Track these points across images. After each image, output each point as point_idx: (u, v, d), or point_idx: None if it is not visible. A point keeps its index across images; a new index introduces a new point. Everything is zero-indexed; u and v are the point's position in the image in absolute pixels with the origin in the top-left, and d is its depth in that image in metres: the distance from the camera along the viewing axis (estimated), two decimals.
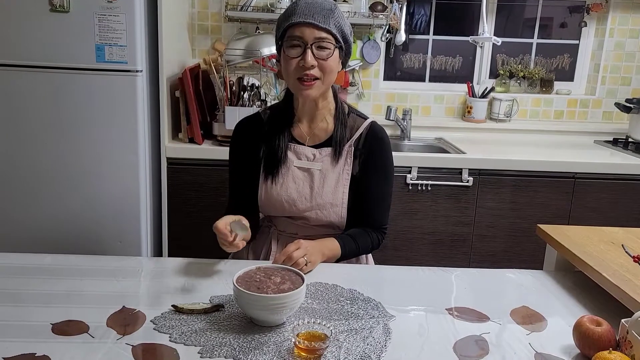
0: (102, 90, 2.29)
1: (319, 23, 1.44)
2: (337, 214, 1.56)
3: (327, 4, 1.48)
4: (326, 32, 1.45)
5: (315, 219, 1.56)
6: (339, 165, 1.56)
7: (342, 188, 1.56)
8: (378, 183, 1.60)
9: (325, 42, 1.46)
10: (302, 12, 1.44)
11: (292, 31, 1.46)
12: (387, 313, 1.24)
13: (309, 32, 1.44)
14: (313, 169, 1.56)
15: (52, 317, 1.17)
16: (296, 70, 1.47)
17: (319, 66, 1.46)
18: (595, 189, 2.60)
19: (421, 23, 3.27)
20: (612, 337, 1.07)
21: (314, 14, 1.44)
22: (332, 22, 1.46)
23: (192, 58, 3.01)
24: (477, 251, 2.65)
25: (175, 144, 2.54)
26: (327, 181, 1.55)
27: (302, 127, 1.60)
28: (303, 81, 1.47)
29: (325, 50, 1.46)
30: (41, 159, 2.34)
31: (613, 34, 3.16)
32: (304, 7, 1.45)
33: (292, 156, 1.58)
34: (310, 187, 1.55)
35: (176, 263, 1.48)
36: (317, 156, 1.57)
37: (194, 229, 2.55)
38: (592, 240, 1.52)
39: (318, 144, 1.59)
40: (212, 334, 1.12)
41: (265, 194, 1.58)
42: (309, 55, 1.45)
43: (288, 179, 1.56)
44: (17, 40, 2.24)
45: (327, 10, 1.46)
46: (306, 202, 1.55)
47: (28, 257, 1.48)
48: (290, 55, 1.47)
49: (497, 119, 3.16)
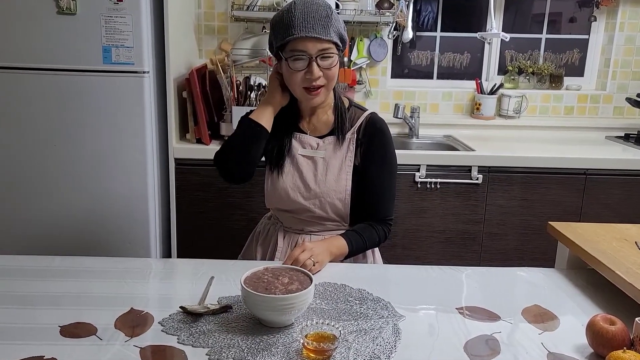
0: (109, 91, 2.29)
1: (321, 36, 1.43)
2: (341, 200, 1.56)
3: (323, 9, 1.45)
4: (328, 42, 1.46)
5: (320, 207, 1.57)
6: (341, 153, 1.58)
7: (345, 175, 1.57)
8: (380, 174, 1.60)
9: (328, 52, 1.46)
10: (301, 25, 1.42)
11: (295, 45, 1.45)
12: (396, 313, 1.23)
13: (312, 46, 1.44)
14: (317, 157, 1.58)
15: (61, 319, 1.16)
16: (302, 82, 1.48)
17: (324, 75, 1.48)
18: (607, 185, 2.58)
19: (428, 20, 3.25)
20: (626, 336, 1.05)
21: (314, 26, 1.43)
22: (331, 31, 1.45)
23: (199, 58, 3.01)
24: (487, 249, 2.63)
25: (183, 144, 2.55)
26: (330, 169, 1.57)
27: (304, 120, 1.63)
28: (310, 90, 1.49)
29: (329, 59, 1.47)
30: (49, 161, 2.35)
31: (623, 28, 3.12)
32: (302, 17, 1.43)
33: (296, 145, 1.61)
34: (314, 175, 1.57)
35: (184, 264, 1.48)
36: (321, 145, 1.59)
37: (202, 229, 2.56)
38: (605, 237, 1.50)
39: (320, 135, 1.61)
40: (220, 335, 1.12)
41: (272, 184, 1.60)
42: (314, 67, 1.45)
43: (293, 167, 1.59)
44: (25, 43, 2.25)
45: (325, 18, 1.44)
46: (310, 190, 1.56)
47: (37, 259, 1.48)
48: (295, 68, 1.47)
49: (506, 115, 3.14)
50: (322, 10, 1.45)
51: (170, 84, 2.42)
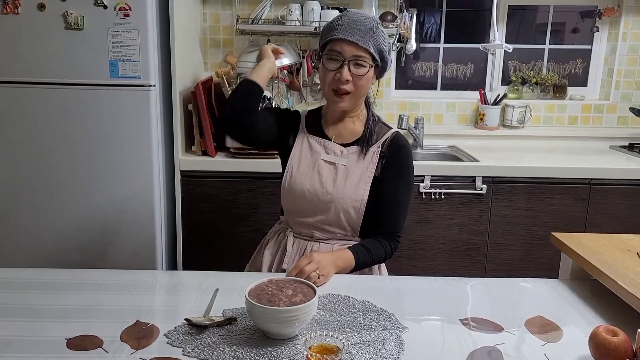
0: (116, 105, 2.32)
1: (358, 42, 1.50)
2: (356, 208, 1.58)
3: (369, 22, 1.53)
4: (364, 51, 1.52)
5: (333, 212, 1.58)
6: (364, 163, 1.60)
7: (364, 185, 1.59)
8: (396, 188, 1.62)
9: (362, 60, 1.52)
10: (344, 29, 1.51)
11: (333, 45, 1.53)
12: (400, 324, 1.23)
13: (348, 49, 1.51)
14: (339, 163, 1.61)
15: (67, 332, 1.18)
16: (332, 82, 1.55)
17: (353, 82, 1.53)
18: (612, 195, 2.57)
19: (432, 31, 3.27)
20: (628, 347, 1.05)
21: (355, 32, 1.50)
22: (371, 42, 1.52)
23: (205, 71, 3.04)
24: (492, 260, 2.63)
25: (189, 156, 2.57)
26: (350, 176, 1.59)
27: (331, 127, 1.67)
28: (337, 93, 1.55)
29: (362, 68, 1.53)
30: (56, 173, 2.38)
31: (626, 38, 3.13)
32: (347, 23, 1.52)
33: (320, 149, 1.64)
34: (334, 180, 1.59)
35: (189, 276, 1.49)
36: (344, 152, 1.63)
37: (208, 241, 2.57)
38: (608, 248, 1.50)
39: (345, 143, 1.64)
40: (225, 347, 1.13)
41: (289, 181, 1.62)
42: (345, 70, 1.52)
43: (314, 170, 1.61)
44: (34, 58, 2.29)
45: (368, 30, 1.52)
46: (327, 194, 1.58)
47: (43, 272, 1.50)
48: (328, 67, 1.54)
49: (510, 125, 3.14)
50: (369, 22, 1.54)
51: (176, 97, 2.44)
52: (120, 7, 2.24)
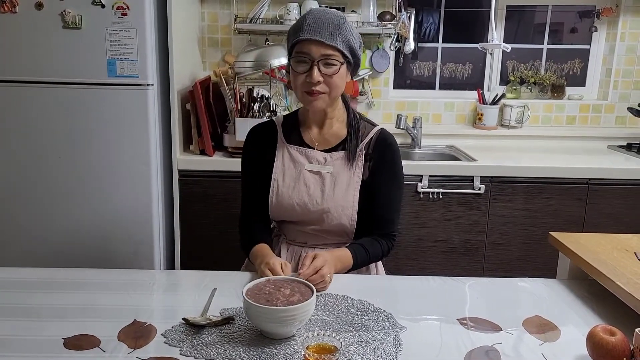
0: (113, 104, 2.32)
1: (325, 40, 1.45)
2: (348, 216, 1.56)
3: (335, 18, 1.48)
4: (333, 49, 1.47)
5: (326, 223, 1.56)
6: (350, 169, 1.57)
7: (353, 191, 1.56)
8: (387, 188, 1.60)
9: (331, 58, 1.47)
10: (309, 28, 1.45)
11: (300, 47, 1.48)
12: (397, 324, 1.23)
13: (316, 49, 1.46)
14: (324, 172, 1.57)
15: (64, 331, 1.17)
16: (303, 85, 1.50)
17: (325, 82, 1.49)
18: (610, 194, 2.58)
19: (430, 31, 3.27)
20: (626, 347, 1.05)
21: (321, 31, 1.45)
22: (339, 39, 1.47)
23: (203, 70, 3.03)
24: (490, 259, 2.63)
25: (187, 156, 2.56)
26: (338, 184, 1.56)
27: (312, 133, 1.62)
28: (310, 93, 1.50)
29: (332, 67, 1.48)
30: (54, 173, 2.38)
31: (624, 38, 3.13)
32: (312, 22, 1.46)
33: (303, 160, 1.59)
34: (322, 190, 1.56)
35: (187, 276, 1.49)
36: (328, 160, 1.58)
37: (206, 240, 2.57)
38: (606, 247, 1.50)
39: (328, 148, 1.61)
40: (222, 347, 1.13)
41: (277, 198, 1.59)
42: (315, 72, 1.46)
43: (299, 182, 1.57)
44: (32, 57, 2.29)
45: (335, 26, 1.47)
46: (317, 205, 1.55)
47: (41, 271, 1.50)
48: (297, 70, 1.49)
49: (509, 125, 3.14)
50: (334, 19, 1.48)
51: (174, 96, 2.44)
52: (118, 6, 2.23)
